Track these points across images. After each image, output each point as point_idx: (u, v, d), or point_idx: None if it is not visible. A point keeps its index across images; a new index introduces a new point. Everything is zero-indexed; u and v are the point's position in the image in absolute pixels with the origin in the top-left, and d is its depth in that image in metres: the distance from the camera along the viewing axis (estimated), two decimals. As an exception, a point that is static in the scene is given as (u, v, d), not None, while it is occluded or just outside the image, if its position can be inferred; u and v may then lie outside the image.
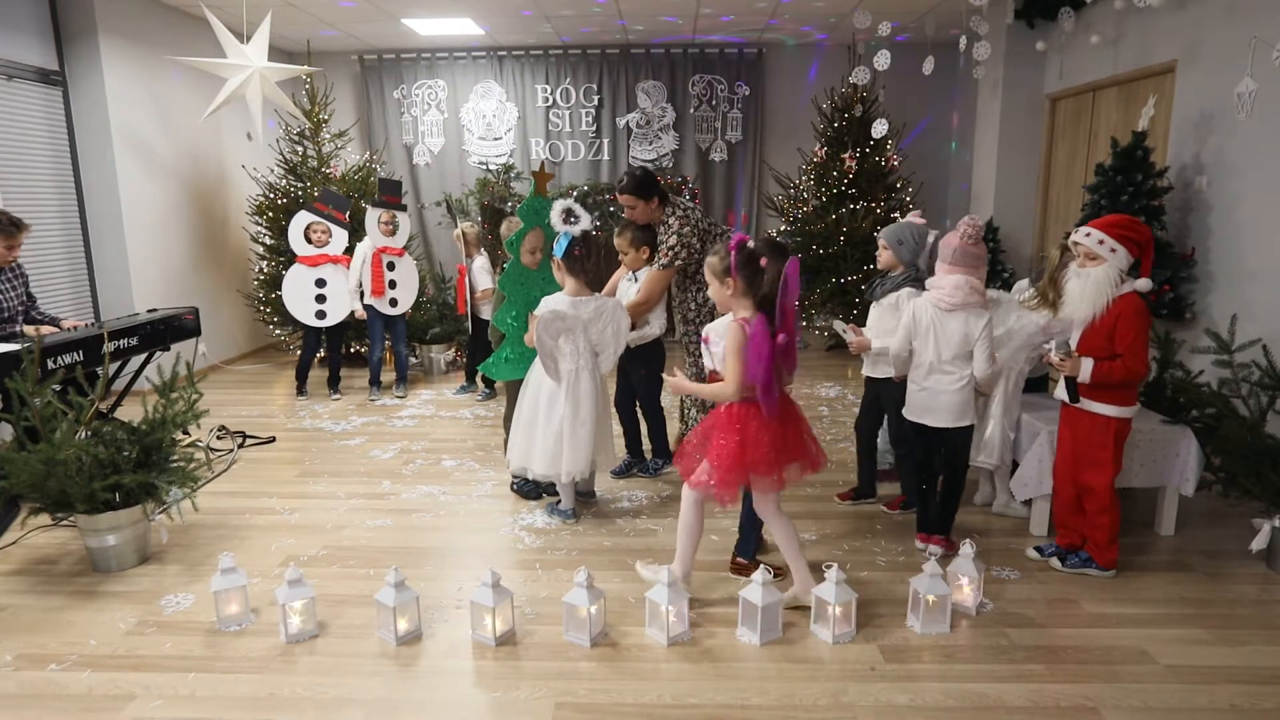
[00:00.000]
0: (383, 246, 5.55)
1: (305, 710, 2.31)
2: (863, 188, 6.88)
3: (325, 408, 5.56)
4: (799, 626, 2.70)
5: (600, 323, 3.43)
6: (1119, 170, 4.66)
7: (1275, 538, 3.08)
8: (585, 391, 3.41)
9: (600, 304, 3.43)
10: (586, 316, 3.39)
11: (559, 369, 3.39)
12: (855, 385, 6.02)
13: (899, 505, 3.67)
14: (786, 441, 2.62)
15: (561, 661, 2.54)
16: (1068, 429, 3.08)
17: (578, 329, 3.37)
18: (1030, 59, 6.38)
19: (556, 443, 3.39)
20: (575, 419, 3.38)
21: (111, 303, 5.79)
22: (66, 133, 5.53)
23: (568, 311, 3.32)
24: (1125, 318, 2.81)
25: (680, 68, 7.94)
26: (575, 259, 3.31)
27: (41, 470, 2.93)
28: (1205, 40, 4.58)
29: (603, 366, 3.53)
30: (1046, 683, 2.41)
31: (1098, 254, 2.85)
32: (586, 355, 3.42)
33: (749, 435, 2.57)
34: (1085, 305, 2.88)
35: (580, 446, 3.41)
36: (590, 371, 3.44)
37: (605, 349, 3.50)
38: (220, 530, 3.56)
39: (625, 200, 3.83)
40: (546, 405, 3.42)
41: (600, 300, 3.45)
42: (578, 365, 3.40)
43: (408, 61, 7.97)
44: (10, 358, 3.36)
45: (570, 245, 3.30)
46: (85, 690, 2.41)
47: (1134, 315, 2.81)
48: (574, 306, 3.33)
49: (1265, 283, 4.12)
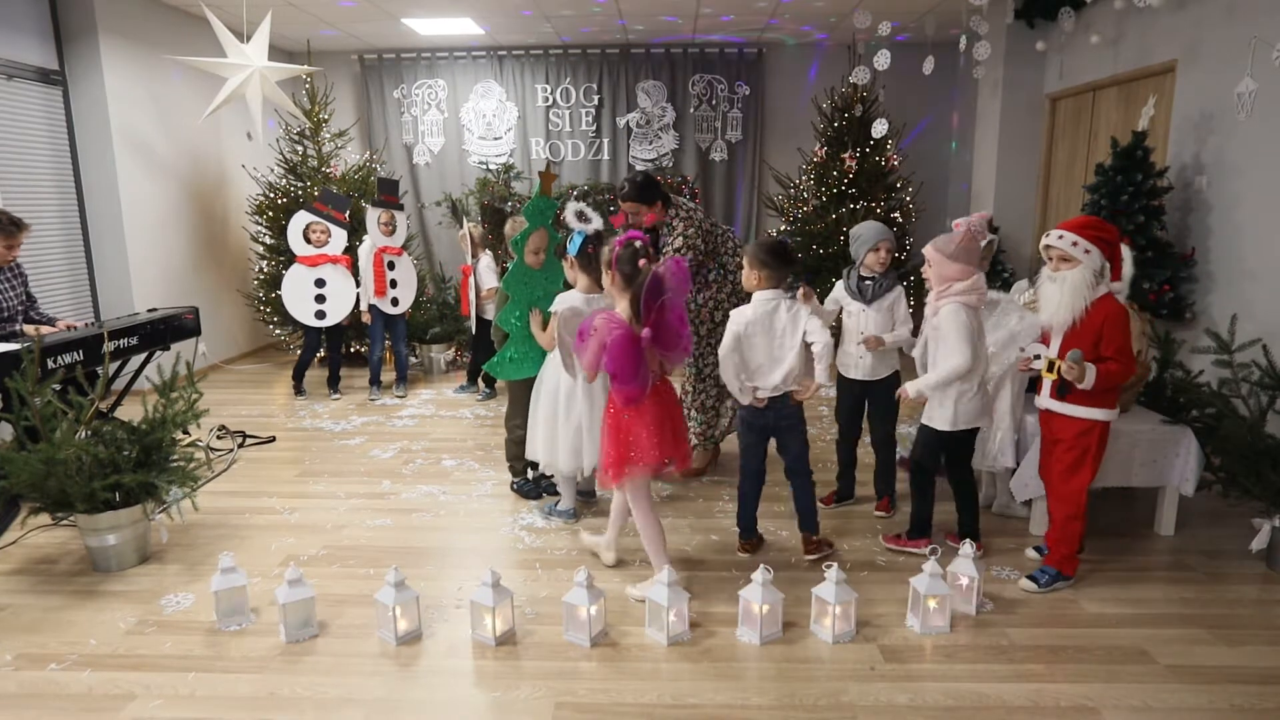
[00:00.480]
0: (383, 246, 5.55)
1: (305, 710, 2.31)
2: (863, 188, 6.87)
3: (325, 407, 5.56)
4: (799, 626, 2.70)
5: None
6: (1119, 170, 4.66)
7: (1275, 538, 3.08)
8: (601, 386, 3.37)
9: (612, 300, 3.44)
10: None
11: (575, 365, 3.37)
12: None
13: (887, 506, 3.67)
14: (663, 435, 2.82)
15: (561, 661, 2.54)
16: (1049, 433, 2.99)
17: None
18: (1030, 59, 6.38)
19: (578, 437, 3.41)
20: (594, 414, 3.38)
21: (111, 302, 5.79)
22: (66, 132, 5.53)
23: (583, 308, 3.28)
24: (1111, 321, 2.74)
25: (680, 67, 7.94)
26: (589, 257, 3.32)
27: (41, 470, 2.93)
28: (1205, 40, 4.58)
29: None
30: (1046, 683, 2.41)
31: (1071, 256, 2.76)
32: None
33: (625, 424, 2.81)
34: (1064, 310, 2.77)
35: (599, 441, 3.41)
36: None
37: None
38: (220, 530, 3.56)
39: (628, 207, 3.82)
40: (565, 402, 3.42)
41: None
42: None
43: (408, 61, 7.97)
44: (10, 357, 3.36)
45: (584, 243, 3.33)
46: (85, 690, 2.41)
47: (1119, 317, 2.75)
48: (588, 303, 3.32)
49: (1265, 283, 4.12)
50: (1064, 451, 2.91)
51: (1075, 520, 2.93)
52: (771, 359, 3.02)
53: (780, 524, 3.56)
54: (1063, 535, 2.96)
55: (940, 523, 3.37)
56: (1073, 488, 2.90)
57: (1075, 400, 2.85)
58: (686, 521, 3.60)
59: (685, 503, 3.83)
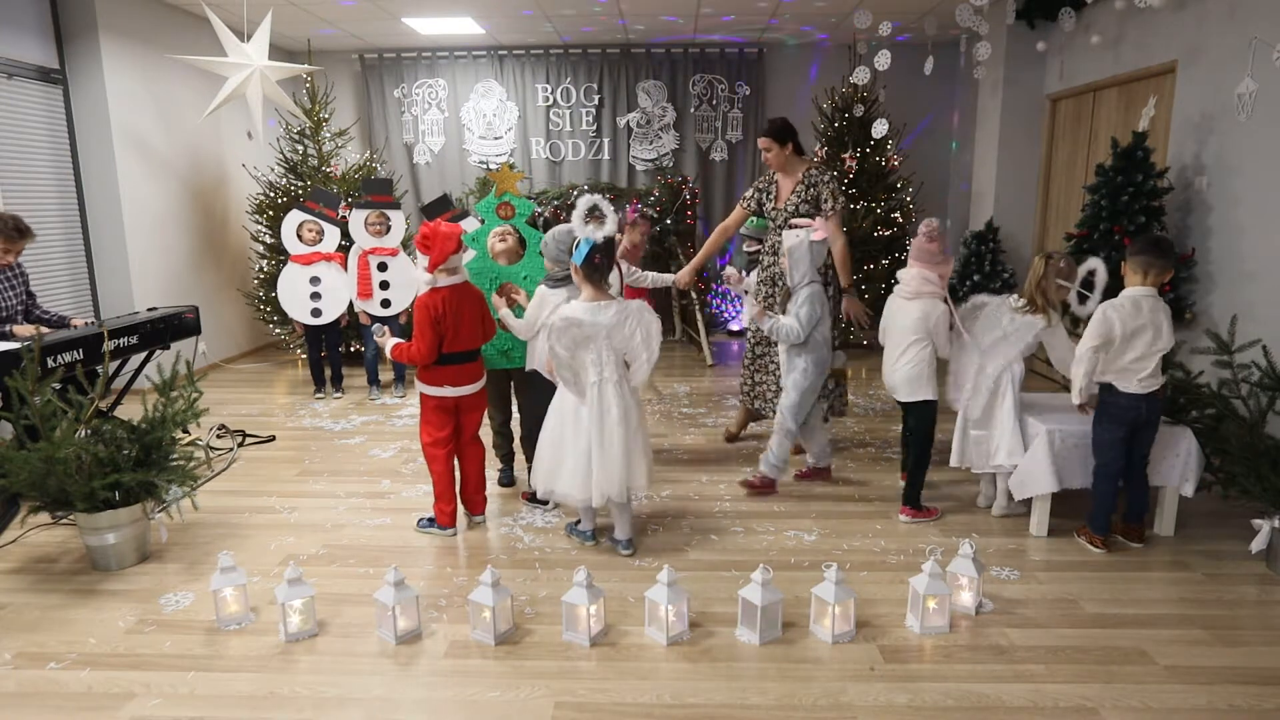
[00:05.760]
0: (372, 248, 5.52)
1: (305, 709, 2.31)
2: (863, 188, 6.87)
3: (325, 407, 5.56)
4: (799, 626, 2.70)
5: (625, 329, 3.08)
6: (1119, 170, 4.66)
7: (1275, 538, 3.08)
8: (611, 406, 3.08)
9: (622, 308, 3.09)
10: (608, 323, 3.05)
11: (580, 383, 3.10)
12: (855, 385, 6.02)
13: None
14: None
15: (561, 661, 2.54)
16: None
17: (599, 337, 3.05)
18: (1030, 59, 6.37)
19: (585, 462, 3.10)
20: (601, 436, 3.08)
21: (111, 301, 5.79)
22: (67, 131, 5.53)
23: (585, 319, 3.02)
24: None
25: (681, 67, 7.94)
26: (595, 267, 3.03)
27: (41, 468, 2.92)
28: (1206, 41, 4.57)
29: (636, 377, 3.16)
30: (1046, 683, 2.41)
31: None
32: (611, 366, 3.08)
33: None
34: None
35: (610, 466, 3.08)
36: (616, 384, 3.09)
37: (637, 357, 3.13)
38: (220, 529, 3.56)
39: (763, 143, 4.09)
40: (573, 422, 3.13)
41: (621, 304, 3.11)
42: (601, 377, 3.07)
43: (408, 60, 7.97)
44: (10, 356, 3.36)
45: (590, 252, 3.01)
46: (85, 689, 2.41)
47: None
48: (592, 313, 3.04)
49: (1265, 283, 4.12)
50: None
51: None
52: (1151, 352, 3.09)
53: (779, 523, 3.56)
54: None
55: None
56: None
57: None
58: (687, 521, 3.60)
59: (686, 502, 3.83)
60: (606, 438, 3.08)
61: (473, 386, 3.37)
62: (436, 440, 3.35)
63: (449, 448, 3.39)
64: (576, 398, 3.11)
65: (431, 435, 3.36)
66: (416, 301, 3.19)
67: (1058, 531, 3.42)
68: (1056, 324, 3.35)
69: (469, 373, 3.34)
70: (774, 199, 4.25)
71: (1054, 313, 3.34)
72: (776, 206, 4.22)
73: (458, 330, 3.24)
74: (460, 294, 3.25)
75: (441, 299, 3.19)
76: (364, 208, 5.54)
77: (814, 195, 4.09)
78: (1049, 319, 3.33)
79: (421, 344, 3.19)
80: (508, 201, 3.82)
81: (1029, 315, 3.35)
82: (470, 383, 3.36)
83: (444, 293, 3.20)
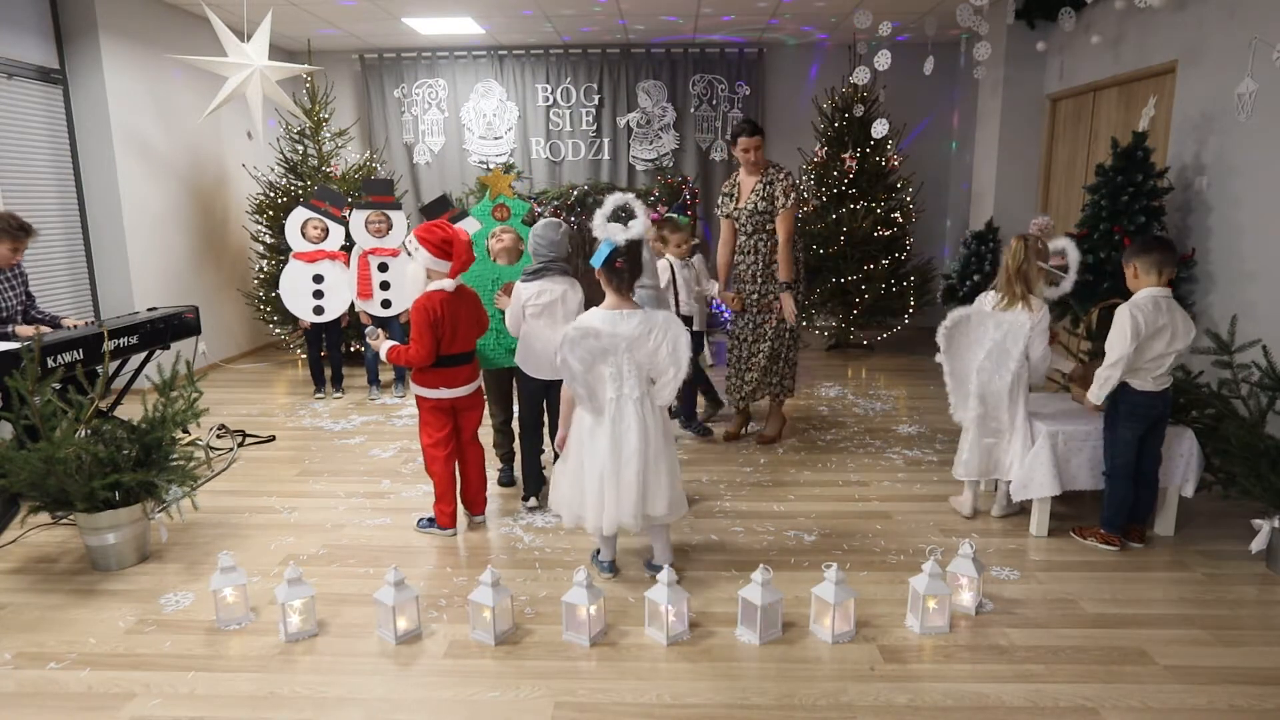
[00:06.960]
0: (372, 248, 5.52)
1: (305, 709, 2.31)
2: (863, 188, 6.87)
3: (325, 407, 5.56)
4: (799, 626, 2.70)
5: (650, 342, 2.81)
6: (1119, 170, 4.66)
7: (1275, 538, 3.07)
8: (630, 425, 2.80)
9: (647, 318, 2.81)
10: (629, 334, 2.78)
11: (597, 399, 2.83)
12: (855, 385, 6.02)
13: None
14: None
15: (561, 661, 2.54)
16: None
17: (619, 350, 2.79)
18: (1030, 59, 6.37)
19: (599, 485, 2.83)
20: (618, 459, 2.80)
21: (111, 301, 5.79)
22: (67, 131, 5.53)
23: (603, 329, 2.77)
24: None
25: (681, 67, 7.94)
26: (616, 272, 2.79)
27: (41, 468, 2.92)
28: (1206, 41, 4.57)
29: (663, 395, 2.89)
30: (1046, 683, 2.41)
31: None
32: (632, 381, 2.80)
33: None
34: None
35: (625, 491, 2.81)
36: (636, 401, 2.80)
37: (663, 374, 2.86)
38: (220, 529, 3.56)
39: (754, 142, 4.20)
40: (590, 442, 2.86)
41: (647, 314, 2.82)
42: (620, 394, 2.80)
43: (408, 60, 7.97)
44: (10, 356, 3.36)
45: (611, 256, 2.78)
46: (85, 689, 2.41)
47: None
48: (612, 323, 2.78)
49: (1265, 283, 4.12)
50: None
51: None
52: (1169, 351, 3.10)
53: (779, 523, 3.55)
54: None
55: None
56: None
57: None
58: (686, 521, 3.60)
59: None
60: (623, 460, 2.80)
61: (468, 388, 3.37)
62: (436, 441, 3.35)
63: (449, 448, 3.39)
64: (592, 416, 2.85)
65: (431, 436, 3.36)
66: (414, 304, 3.19)
67: (1058, 532, 3.42)
68: (1041, 314, 3.31)
69: (464, 374, 3.34)
70: (736, 199, 4.36)
71: (1034, 299, 3.31)
72: (738, 206, 4.31)
73: (455, 333, 3.24)
74: (457, 297, 3.25)
75: (439, 302, 3.19)
76: (364, 208, 5.55)
77: (770, 193, 4.19)
78: (1030, 306, 3.30)
79: (419, 347, 3.19)
80: (503, 204, 3.84)
81: (1013, 312, 3.31)
82: (465, 384, 3.36)
83: (441, 295, 3.20)
